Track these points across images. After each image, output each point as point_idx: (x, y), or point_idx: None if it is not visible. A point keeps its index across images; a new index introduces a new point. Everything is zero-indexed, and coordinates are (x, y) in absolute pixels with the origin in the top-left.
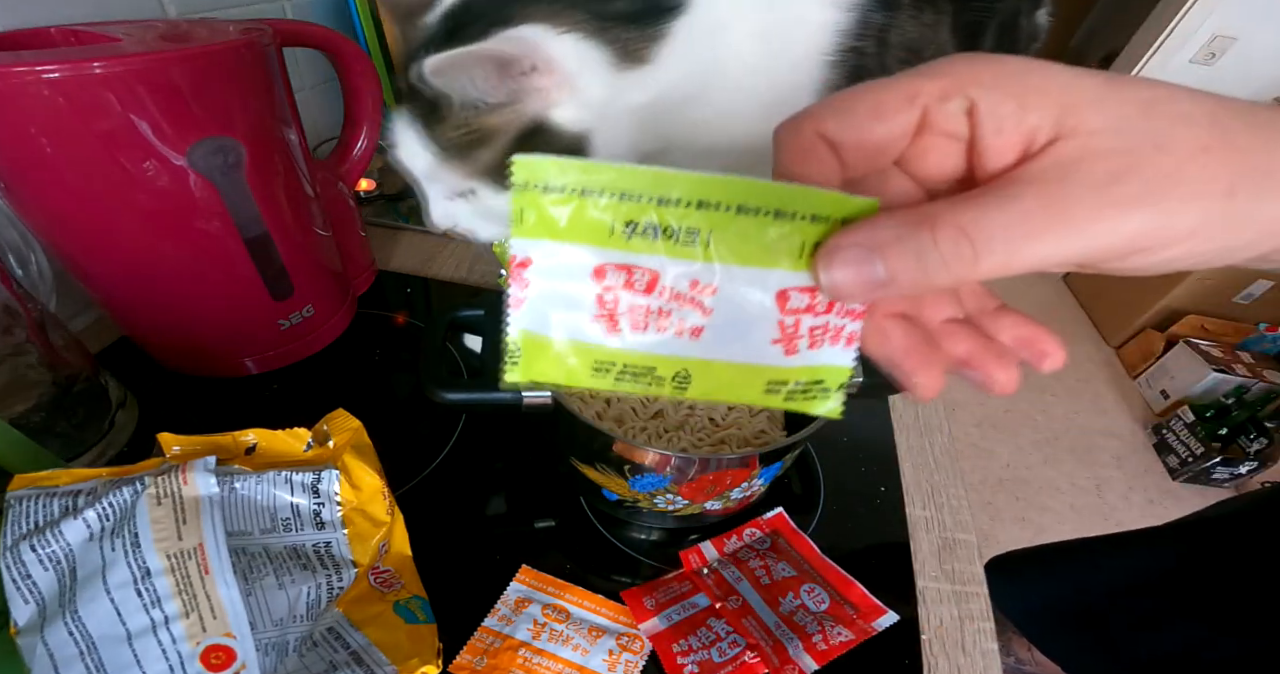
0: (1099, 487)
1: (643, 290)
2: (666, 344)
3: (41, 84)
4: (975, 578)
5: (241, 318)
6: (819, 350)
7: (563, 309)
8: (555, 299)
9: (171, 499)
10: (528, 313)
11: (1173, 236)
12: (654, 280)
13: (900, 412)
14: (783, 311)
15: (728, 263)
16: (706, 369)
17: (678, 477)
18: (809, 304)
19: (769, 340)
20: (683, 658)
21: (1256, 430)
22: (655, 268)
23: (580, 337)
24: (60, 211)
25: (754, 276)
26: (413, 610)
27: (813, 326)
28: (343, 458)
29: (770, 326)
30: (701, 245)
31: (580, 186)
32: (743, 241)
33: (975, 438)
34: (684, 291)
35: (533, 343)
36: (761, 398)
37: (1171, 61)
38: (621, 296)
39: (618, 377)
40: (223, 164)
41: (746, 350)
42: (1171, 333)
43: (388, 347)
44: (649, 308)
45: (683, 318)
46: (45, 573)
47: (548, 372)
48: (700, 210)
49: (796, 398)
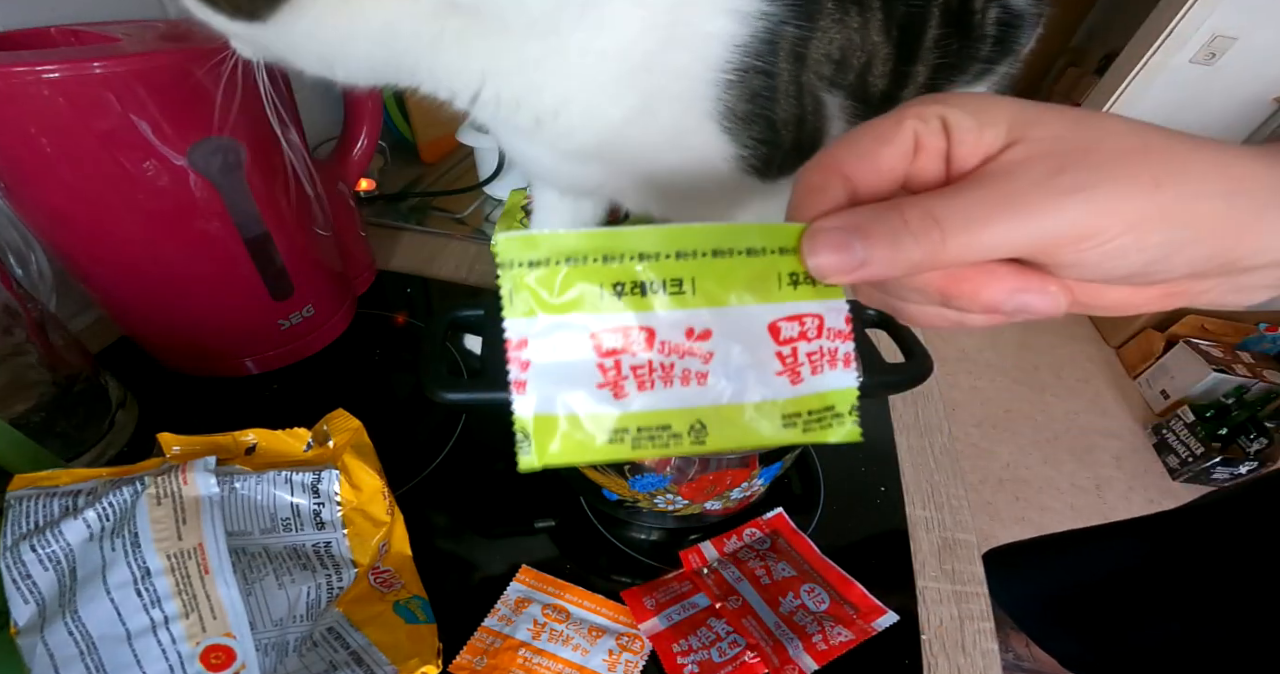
0: (1099, 487)
1: (641, 349)
2: (674, 398)
3: (41, 84)
4: (975, 578)
5: (241, 318)
6: (821, 376)
7: (567, 384)
8: (558, 375)
9: (171, 499)
10: (533, 394)
11: (1111, 224)
12: (650, 337)
13: (900, 412)
14: (778, 342)
15: (715, 306)
16: (719, 415)
17: (678, 477)
18: (800, 331)
19: (773, 373)
20: (683, 658)
21: (1256, 430)
22: (649, 324)
23: (590, 409)
24: (60, 212)
25: (742, 314)
26: (413, 610)
27: (809, 352)
28: (343, 458)
29: (770, 359)
30: (688, 293)
31: (563, 255)
32: (725, 283)
33: (975, 438)
34: (680, 342)
35: (543, 424)
36: (780, 434)
37: (1171, 61)
38: (622, 360)
39: (634, 442)
40: (223, 164)
41: (752, 388)
42: (1171, 333)
43: (388, 346)
44: (650, 365)
45: (685, 368)
46: (45, 573)
47: (563, 451)
48: (679, 260)
49: (814, 428)
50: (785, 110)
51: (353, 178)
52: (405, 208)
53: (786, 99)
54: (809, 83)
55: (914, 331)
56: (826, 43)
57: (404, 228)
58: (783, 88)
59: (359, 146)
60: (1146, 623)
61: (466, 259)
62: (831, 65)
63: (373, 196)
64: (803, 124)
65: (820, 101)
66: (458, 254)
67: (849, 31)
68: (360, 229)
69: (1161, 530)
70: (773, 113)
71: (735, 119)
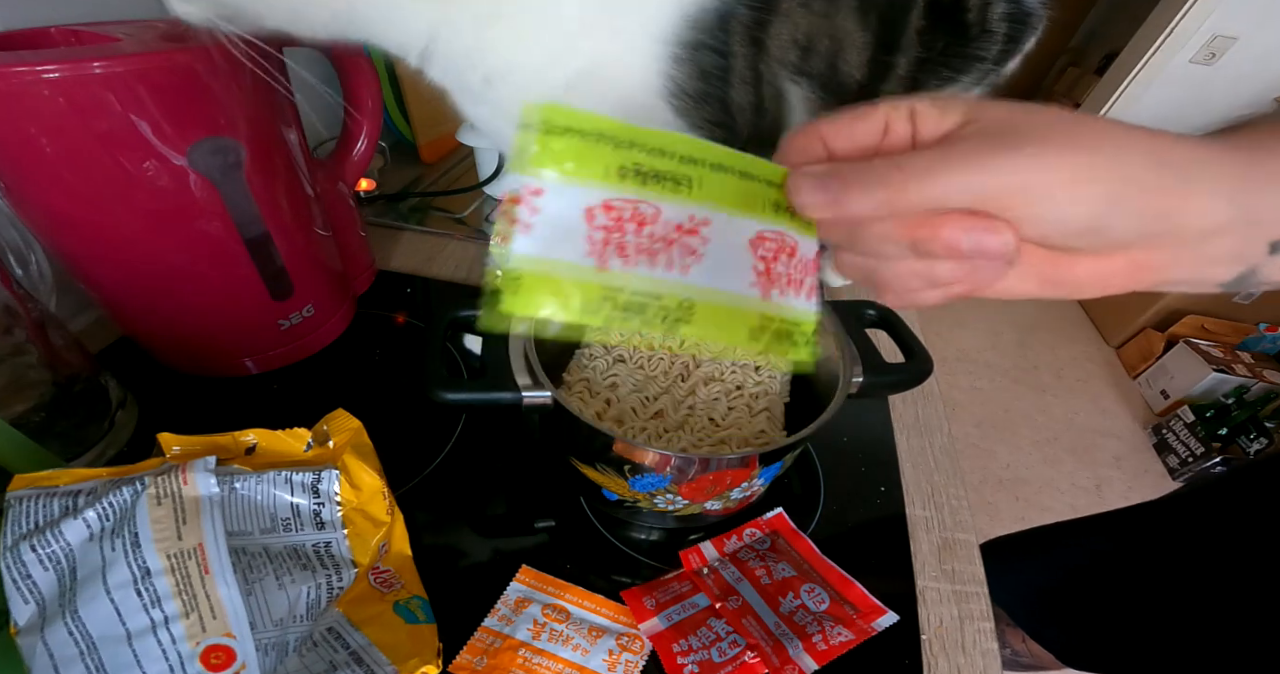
0: (1099, 487)
1: (642, 225)
2: (662, 274)
3: (41, 84)
4: (975, 578)
5: (241, 318)
6: (788, 298)
7: (566, 239)
8: (561, 229)
9: (171, 499)
10: (535, 237)
11: (1048, 178)
12: (654, 216)
13: (900, 412)
14: (755, 255)
15: (710, 206)
16: (697, 306)
17: (678, 477)
18: (776, 250)
19: (749, 282)
20: (683, 658)
21: (1256, 430)
22: (654, 206)
23: (581, 265)
24: (60, 212)
25: (734, 220)
26: (413, 610)
27: (784, 272)
28: (343, 458)
29: (747, 269)
30: (692, 190)
31: (589, 130)
32: (723, 192)
33: (975, 438)
34: (680, 225)
35: (533, 271)
36: (746, 340)
37: (1171, 61)
38: (626, 228)
39: (611, 312)
40: (223, 164)
41: (732, 285)
42: (1171, 333)
43: (388, 346)
44: (639, 245)
45: (671, 255)
46: (45, 573)
47: (544, 301)
48: (687, 164)
49: (776, 344)
50: (741, 95)
51: (353, 178)
52: (405, 208)
53: (743, 84)
54: (770, 71)
55: (914, 332)
56: (790, 28)
57: (404, 228)
58: (738, 71)
59: (359, 146)
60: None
61: (466, 259)
62: (798, 51)
63: (373, 196)
64: (761, 112)
65: (781, 92)
66: (458, 254)
67: (814, 17)
68: (360, 229)
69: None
70: (727, 95)
71: (686, 97)
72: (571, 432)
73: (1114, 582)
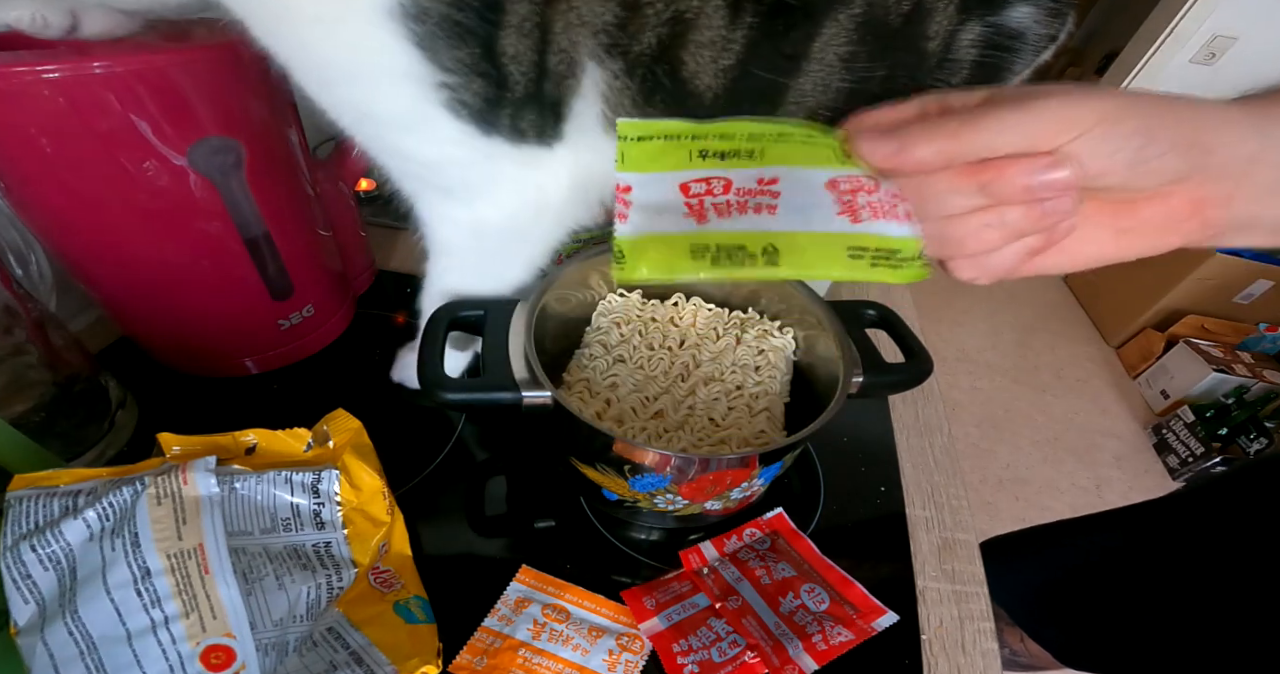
0: (1099, 487)
1: (721, 191)
2: (749, 223)
3: (41, 84)
4: (975, 578)
5: (241, 318)
6: (882, 222)
7: (657, 215)
8: (652, 209)
9: (171, 499)
10: (631, 222)
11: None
12: (728, 184)
13: (900, 411)
14: (836, 192)
15: (781, 164)
16: (789, 241)
17: (678, 477)
18: (857, 186)
19: (834, 214)
20: (683, 658)
21: (1256, 430)
22: (727, 176)
23: (675, 229)
24: (61, 212)
25: (805, 172)
26: (413, 610)
27: (869, 201)
28: (343, 458)
29: (830, 204)
30: (758, 158)
31: (662, 134)
32: (788, 154)
33: (975, 438)
34: (753, 187)
35: (634, 244)
36: (847, 266)
37: (1171, 61)
38: (704, 199)
39: (714, 259)
40: (223, 164)
41: (817, 221)
42: (1171, 333)
43: (388, 346)
44: (729, 203)
45: (757, 204)
46: (45, 573)
47: (649, 264)
48: (751, 140)
49: (881, 265)
50: (514, 45)
51: (352, 178)
52: (405, 208)
53: (520, 34)
54: (566, 30)
55: (914, 332)
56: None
57: (404, 228)
58: (516, 12)
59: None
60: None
61: None
62: (612, 17)
63: (373, 196)
64: (543, 75)
65: (575, 64)
66: None
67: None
68: (360, 229)
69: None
70: (492, 39)
71: (427, 21)
72: (571, 432)
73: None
